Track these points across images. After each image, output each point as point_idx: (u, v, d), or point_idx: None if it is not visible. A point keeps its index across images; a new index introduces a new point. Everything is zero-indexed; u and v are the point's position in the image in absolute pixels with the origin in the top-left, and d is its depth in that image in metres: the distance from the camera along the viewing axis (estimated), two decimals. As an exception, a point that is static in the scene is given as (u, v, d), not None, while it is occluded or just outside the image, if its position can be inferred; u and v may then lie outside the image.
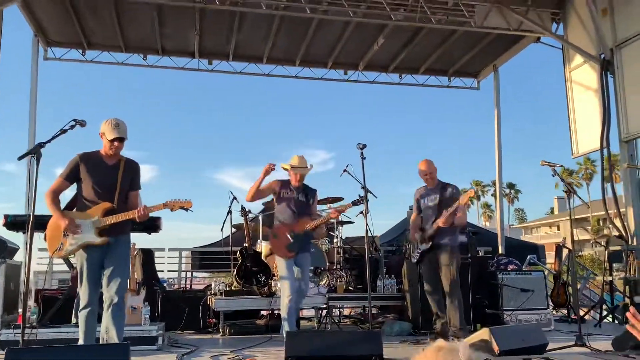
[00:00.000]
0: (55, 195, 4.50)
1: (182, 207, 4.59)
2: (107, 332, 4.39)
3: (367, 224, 5.00)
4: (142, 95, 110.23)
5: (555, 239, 52.07)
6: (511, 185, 58.94)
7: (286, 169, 5.97)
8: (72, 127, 4.39)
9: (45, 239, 4.56)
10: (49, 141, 4.25)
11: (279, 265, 5.87)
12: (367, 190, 5.14)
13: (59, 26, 10.06)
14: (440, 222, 5.92)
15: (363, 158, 5.18)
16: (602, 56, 8.49)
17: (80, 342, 4.40)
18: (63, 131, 4.36)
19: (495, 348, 4.09)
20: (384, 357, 4.04)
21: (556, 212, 64.40)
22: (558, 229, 60.21)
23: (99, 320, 4.49)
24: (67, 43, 10.60)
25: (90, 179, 4.51)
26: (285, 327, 5.56)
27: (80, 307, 4.43)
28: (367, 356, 3.85)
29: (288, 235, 5.82)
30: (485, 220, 55.28)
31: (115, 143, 4.50)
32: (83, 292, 4.41)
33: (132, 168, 4.71)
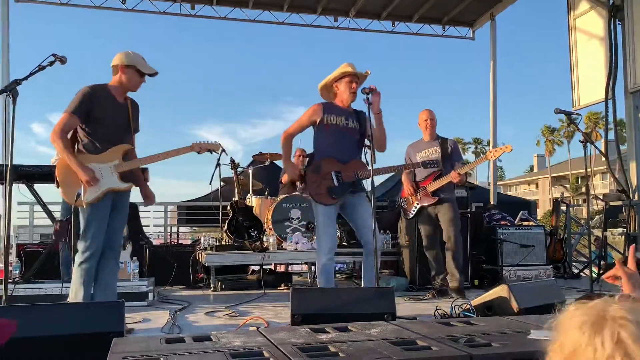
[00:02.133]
0: (65, 135, 3.93)
1: (209, 150, 4.28)
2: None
3: (372, 172, 4.61)
4: (117, 42, 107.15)
5: (534, 197, 52.61)
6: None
7: (335, 79, 4.80)
8: (52, 63, 3.90)
9: (57, 185, 4.03)
10: (26, 78, 3.78)
11: (316, 212, 4.73)
12: (372, 139, 4.70)
13: (31, -36, 9.36)
14: (454, 177, 5.69)
15: (369, 104, 4.69)
16: (611, 2, 8.09)
17: (80, 299, 3.91)
18: (41, 67, 3.88)
19: (514, 306, 3.86)
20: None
21: (535, 170, 64.99)
22: (537, 187, 60.92)
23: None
24: (40, -16, 9.91)
25: (104, 115, 4.00)
26: None
27: (84, 259, 3.91)
28: (380, 314, 3.55)
29: (333, 176, 4.67)
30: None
31: (144, 79, 4.14)
32: (91, 241, 3.92)
33: (137, 108, 4.29)
